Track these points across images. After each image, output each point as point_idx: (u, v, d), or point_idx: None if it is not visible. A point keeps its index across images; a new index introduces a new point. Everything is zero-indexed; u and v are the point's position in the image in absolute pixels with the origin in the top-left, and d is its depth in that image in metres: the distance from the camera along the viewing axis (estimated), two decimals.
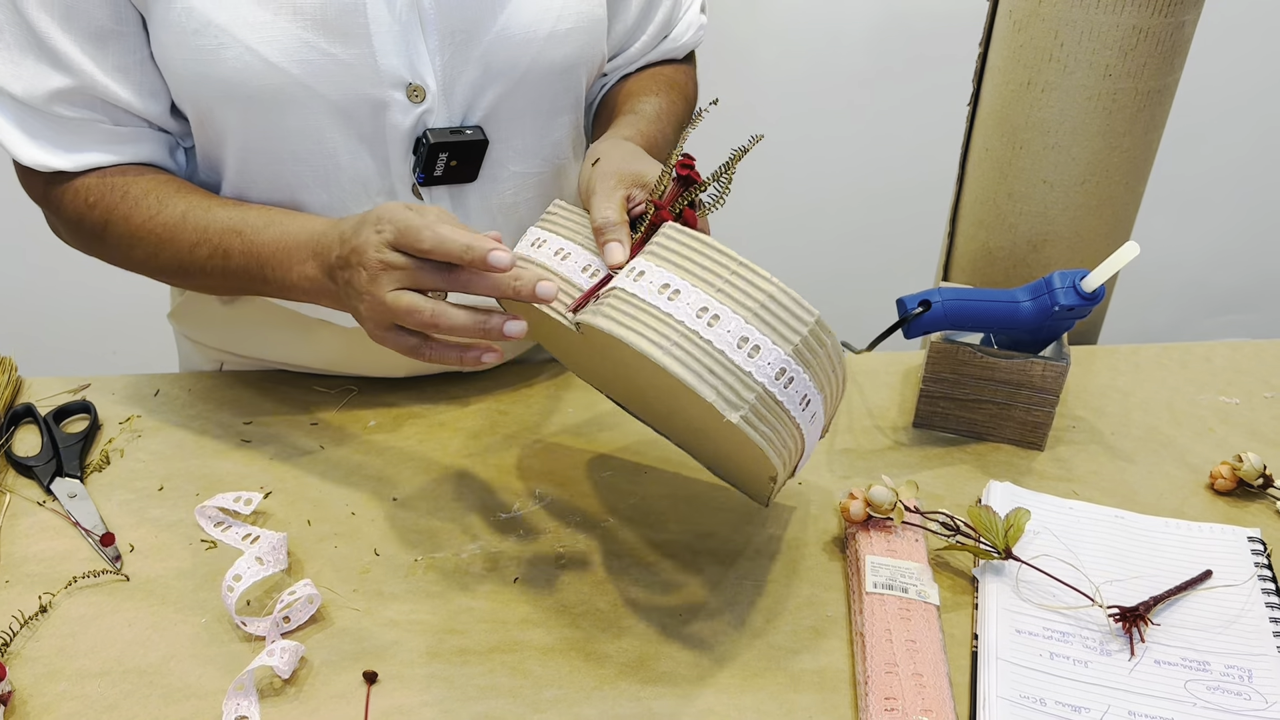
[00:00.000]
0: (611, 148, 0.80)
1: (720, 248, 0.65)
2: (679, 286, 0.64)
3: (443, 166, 0.84)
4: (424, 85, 0.82)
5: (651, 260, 0.66)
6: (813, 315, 0.65)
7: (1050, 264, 1.11)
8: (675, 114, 0.95)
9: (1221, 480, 0.89)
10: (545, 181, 0.93)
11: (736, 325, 0.63)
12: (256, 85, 0.78)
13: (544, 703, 0.69)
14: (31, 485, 0.86)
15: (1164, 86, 1.03)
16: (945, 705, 0.67)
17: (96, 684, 0.69)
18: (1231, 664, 0.72)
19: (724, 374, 0.63)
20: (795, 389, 0.65)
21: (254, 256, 0.80)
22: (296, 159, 0.83)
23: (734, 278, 0.64)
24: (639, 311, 0.64)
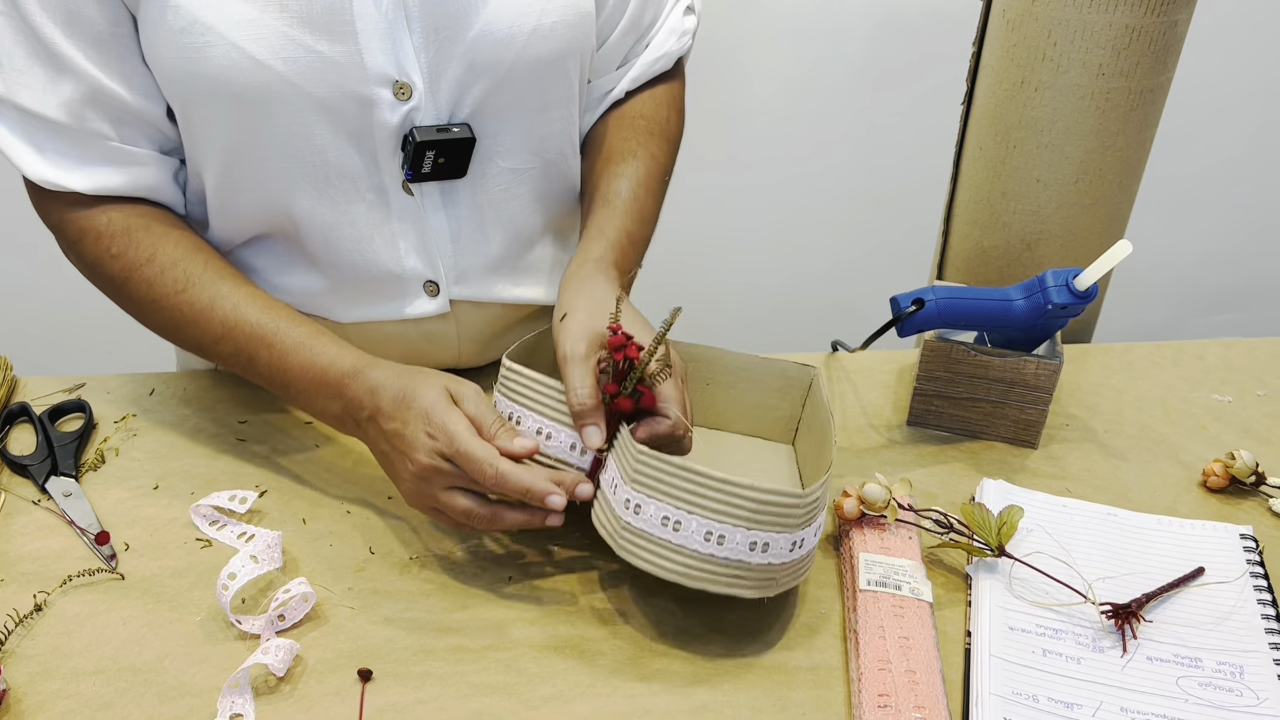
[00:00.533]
0: (579, 296, 0.81)
1: (698, 471, 0.68)
2: (678, 518, 0.69)
3: (430, 164, 0.85)
4: (410, 83, 0.82)
5: (642, 492, 0.70)
6: (802, 498, 0.69)
7: (1044, 263, 1.11)
8: (654, 174, 0.95)
9: (1214, 478, 0.89)
10: (537, 177, 0.92)
11: (742, 537, 0.68)
12: (243, 82, 0.78)
13: (538, 700, 0.69)
14: (26, 484, 0.86)
15: (1157, 85, 1.03)
16: (938, 702, 0.67)
17: (91, 682, 0.70)
18: (1223, 660, 0.73)
19: (748, 574, 0.70)
20: (808, 539, 0.72)
21: (279, 373, 0.82)
22: (284, 157, 0.83)
23: (722, 496, 0.68)
24: (655, 546, 0.70)
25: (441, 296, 0.93)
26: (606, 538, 0.73)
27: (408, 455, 0.75)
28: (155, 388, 0.98)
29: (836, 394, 1.02)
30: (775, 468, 0.90)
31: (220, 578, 0.73)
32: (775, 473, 0.88)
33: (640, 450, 0.70)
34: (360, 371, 0.78)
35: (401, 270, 0.90)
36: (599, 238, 0.88)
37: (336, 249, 0.89)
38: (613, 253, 0.87)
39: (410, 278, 0.91)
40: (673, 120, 1.00)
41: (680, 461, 0.68)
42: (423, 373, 0.78)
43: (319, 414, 0.83)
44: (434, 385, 0.76)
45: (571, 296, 0.82)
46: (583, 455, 0.76)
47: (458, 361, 1.00)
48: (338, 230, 0.88)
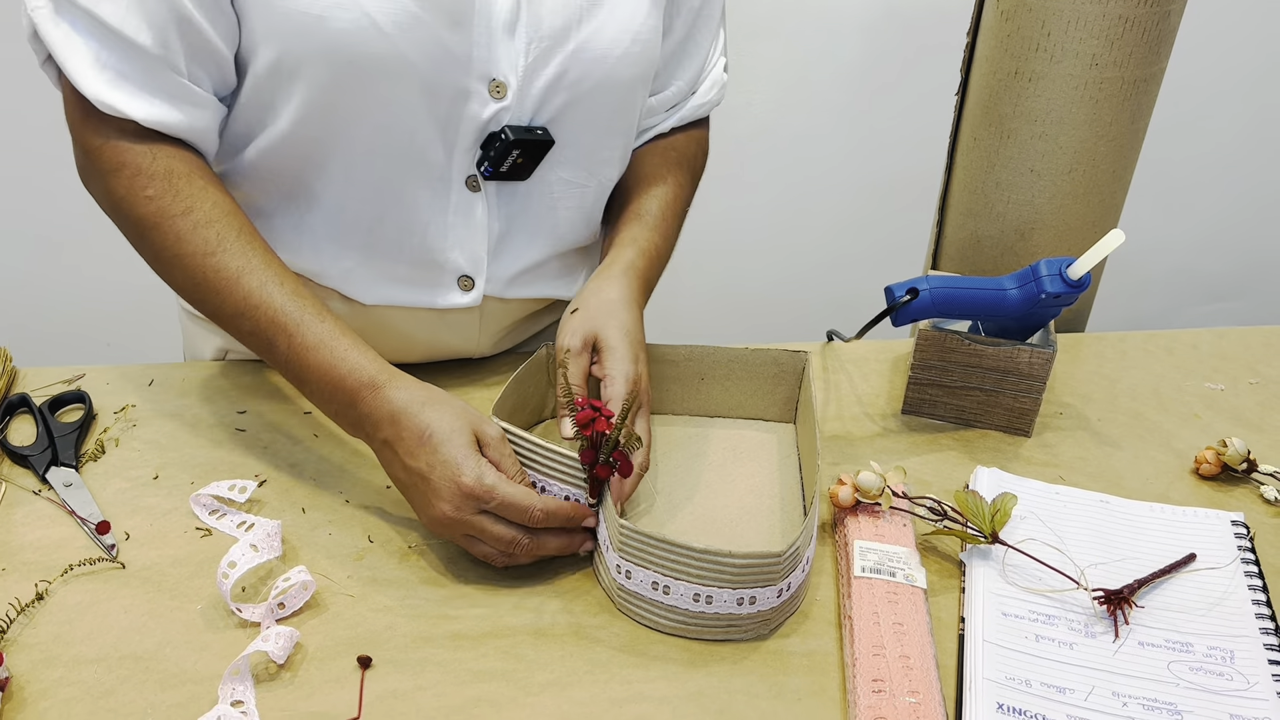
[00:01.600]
0: (592, 296, 0.86)
1: (678, 544, 0.70)
2: (666, 583, 0.72)
3: (511, 163, 0.87)
4: (506, 83, 0.84)
5: (628, 560, 0.73)
6: (778, 555, 0.71)
7: (1038, 252, 1.12)
8: (679, 200, 0.99)
9: (1206, 465, 0.90)
10: (587, 196, 0.95)
11: (728, 596, 0.71)
12: (362, 49, 0.78)
13: (536, 686, 0.70)
14: (27, 474, 0.87)
15: (1150, 75, 1.04)
16: (932, 687, 0.68)
17: (93, 670, 0.70)
18: (1214, 645, 0.74)
19: (741, 623, 0.73)
20: (794, 581, 0.74)
21: (295, 367, 0.80)
22: (375, 128, 0.83)
23: (703, 564, 0.70)
24: (649, 606, 0.74)
25: (475, 291, 0.94)
26: (605, 592, 0.77)
27: (431, 500, 0.75)
28: (154, 378, 0.99)
29: (832, 383, 1.02)
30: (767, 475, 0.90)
31: (220, 566, 0.74)
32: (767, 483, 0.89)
33: (623, 524, 0.72)
34: (380, 388, 0.77)
35: (444, 262, 0.92)
36: (631, 245, 0.92)
37: (388, 230, 0.89)
38: (641, 260, 0.91)
39: (450, 270, 0.93)
40: (699, 158, 1.05)
41: (661, 536, 0.71)
42: (446, 407, 0.76)
43: (332, 415, 0.81)
44: (460, 431, 0.75)
45: (587, 294, 0.86)
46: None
47: (475, 349, 1.02)
48: (397, 211, 0.88)
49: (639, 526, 0.72)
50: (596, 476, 0.77)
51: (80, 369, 0.99)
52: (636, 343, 0.84)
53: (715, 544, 0.70)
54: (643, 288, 0.90)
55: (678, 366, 0.95)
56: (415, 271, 0.92)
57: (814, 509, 0.77)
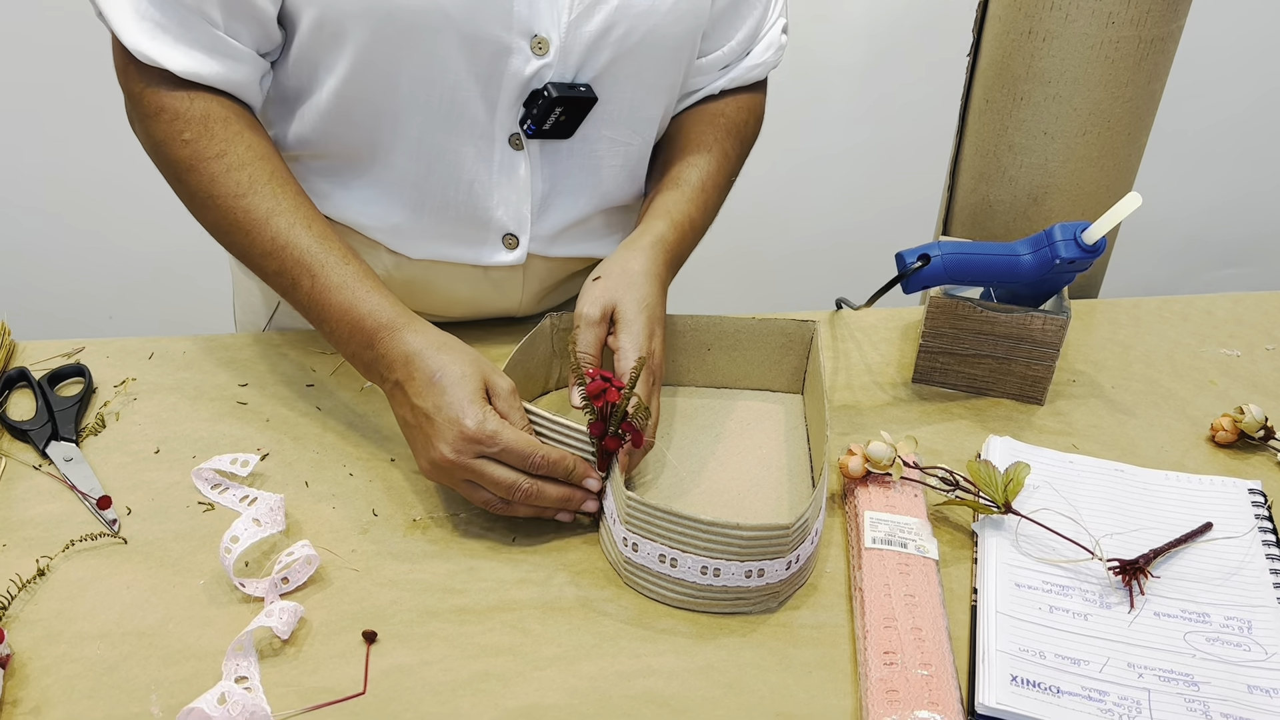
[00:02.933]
0: (615, 265, 0.85)
1: (685, 516, 0.70)
2: (673, 556, 0.71)
3: (554, 120, 0.86)
4: (548, 39, 0.83)
5: (635, 532, 0.72)
6: (787, 527, 0.70)
7: (1051, 217, 1.10)
8: (723, 171, 0.98)
9: (1222, 433, 0.89)
10: (631, 153, 0.94)
11: (736, 568, 0.70)
12: (401, 3, 0.78)
13: (543, 660, 0.69)
14: (27, 449, 0.86)
15: (1167, 34, 1.01)
16: (944, 659, 0.67)
17: (96, 646, 0.69)
18: (1231, 615, 0.73)
19: (749, 595, 0.72)
20: (803, 554, 0.73)
21: (317, 307, 0.81)
22: (416, 83, 0.83)
23: (711, 536, 0.70)
24: (656, 578, 0.73)
25: (520, 249, 0.94)
26: (612, 566, 0.76)
27: (432, 442, 0.75)
28: (155, 351, 0.98)
29: (841, 352, 1.01)
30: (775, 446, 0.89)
31: (223, 541, 0.73)
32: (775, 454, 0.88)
33: (630, 497, 0.71)
34: (397, 330, 0.78)
35: (489, 220, 0.91)
36: (664, 216, 0.90)
37: (434, 186, 0.89)
38: (673, 233, 0.90)
39: (495, 228, 0.92)
40: (750, 125, 1.03)
41: (668, 507, 0.70)
42: (459, 354, 0.77)
43: (349, 357, 0.82)
44: (470, 377, 0.76)
45: (611, 264, 0.86)
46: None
47: (518, 308, 1.01)
48: (441, 167, 0.88)
49: (646, 499, 0.71)
50: (605, 448, 0.76)
51: (80, 342, 0.98)
52: (654, 318, 0.83)
53: (723, 516, 0.69)
54: (670, 262, 0.89)
55: (683, 336, 0.94)
56: (461, 229, 0.92)
57: (823, 480, 0.76)
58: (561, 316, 0.92)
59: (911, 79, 2.01)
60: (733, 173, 1.00)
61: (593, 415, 0.76)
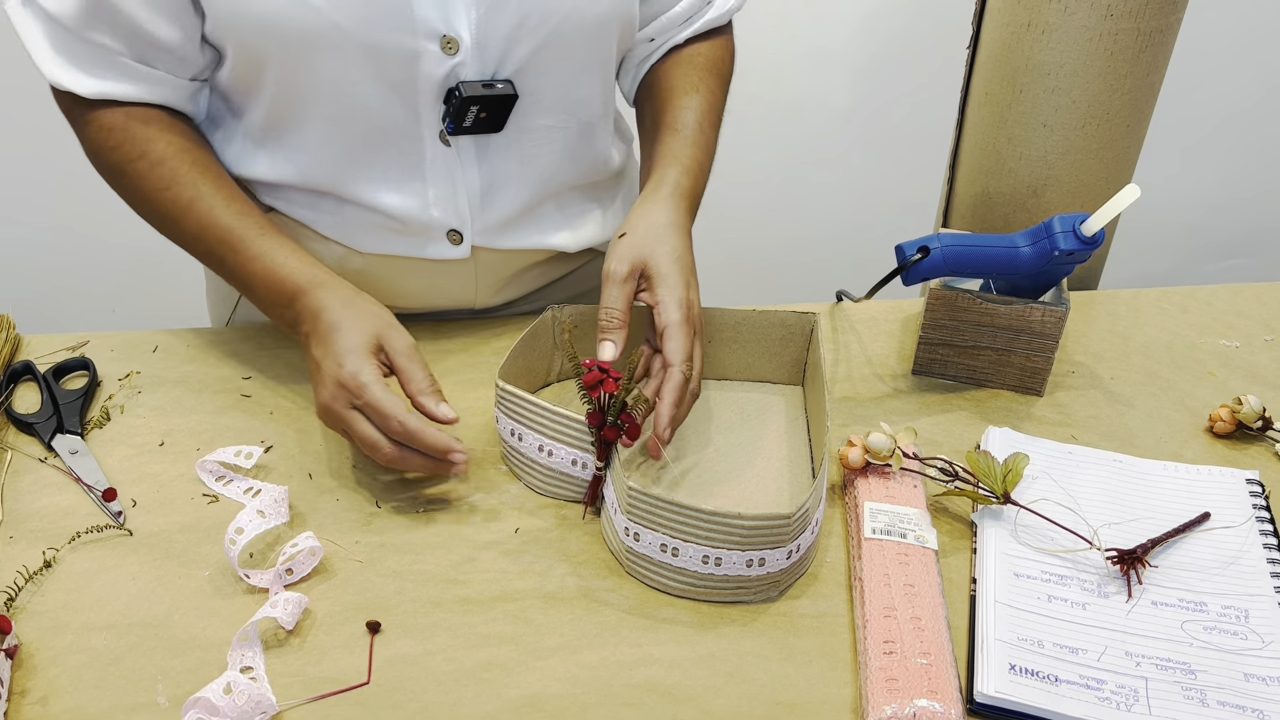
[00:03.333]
0: (641, 220, 0.84)
1: (686, 506, 0.70)
2: (675, 545, 0.71)
3: (472, 118, 0.86)
4: (458, 38, 0.82)
5: (637, 522, 0.72)
6: (788, 516, 0.70)
7: (1050, 209, 1.10)
8: (714, 109, 0.97)
9: (1221, 423, 0.89)
10: (571, 137, 0.94)
11: (738, 557, 0.71)
12: (291, 25, 0.79)
13: (546, 650, 0.70)
14: (32, 442, 0.86)
15: (1166, 26, 1.01)
16: (943, 648, 0.68)
17: (102, 637, 0.70)
18: (1229, 604, 0.73)
19: (750, 584, 0.72)
20: (804, 543, 0.73)
21: (242, 275, 0.85)
22: (328, 101, 0.84)
23: (712, 526, 0.70)
24: (657, 568, 0.73)
25: (464, 245, 0.94)
26: (614, 555, 0.77)
27: (317, 387, 0.80)
28: (159, 344, 0.98)
29: (841, 344, 1.01)
30: (776, 437, 0.89)
31: (228, 533, 0.73)
32: (775, 445, 0.88)
33: (631, 486, 0.72)
34: (313, 289, 0.82)
35: (429, 220, 0.92)
36: (674, 163, 0.90)
37: (366, 193, 0.90)
38: (687, 179, 0.89)
39: (436, 225, 0.92)
40: (727, 62, 1.02)
41: (670, 497, 0.70)
42: (364, 310, 0.81)
43: (275, 319, 0.86)
44: (363, 330, 0.80)
45: (635, 219, 0.85)
46: (584, 470, 0.79)
47: (474, 300, 1.01)
48: (370, 176, 0.89)
49: (648, 489, 0.71)
50: (604, 439, 0.77)
51: (84, 336, 0.99)
52: (687, 268, 0.83)
53: (724, 506, 0.70)
54: (690, 208, 0.89)
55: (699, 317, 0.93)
56: (403, 226, 0.92)
57: (823, 470, 0.76)
58: (563, 309, 0.92)
59: (911, 72, 2.01)
60: (721, 110, 0.99)
61: (591, 406, 0.77)
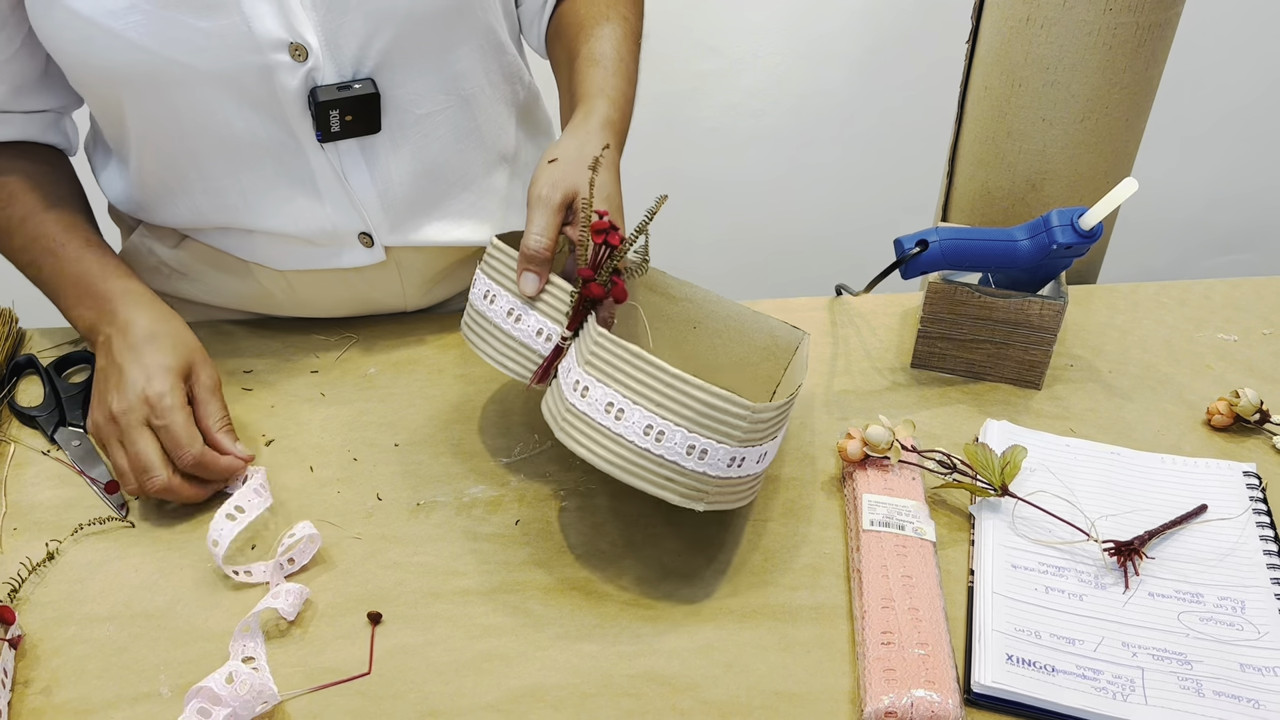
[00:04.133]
0: (570, 145, 0.80)
1: (651, 361, 0.67)
2: (622, 405, 0.67)
3: (338, 122, 0.82)
4: (305, 43, 0.79)
5: (592, 374, 0.69)
6: (747, 409, 0.67)
7: (1049, 203, 1.10)
8: (631, 35, 0.94)
9: (1218, 416, 0.89)
10: (455, 117, 0.90)
11: (681, 437, 0.67)
12: (131, 70, 0.78)
13: (546, 641, 0.70)
14: (35, 435, 0.87)
15: (1165, 20, 1.01)
16: (941, 639, 0.68)
17: (105, 628, 0.71)
18: (1225, 596, 0.73)
19: (680, 478, 0.68)
20: (749, 461, 0.70)
21: (55, 280, 0.87)
22: (191, 135, 0.82)
23: (669, 390, 0.66)
24: (594, 432, 0.69)
25: (376, 247, 0.92)
26: (549, 419, 0.73)
27: (111, 392, 0.79)
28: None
29: (840, 337, 1.02)
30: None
31: (207, 543, 0.73)
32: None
33: (600, 333, 0.69)
34: (126, 296, 0.84)
35: (332, 226, 0.89)
36: (599, 95, 0.86)
37: (261, 213, 0.88)
38: (615, 112, 0.86)
39: (342, 233, 0.90)
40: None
41: (635, 349, 0.67)
42: (179, 333, 0.83)
43: (74, 320, 0.87)
44: (178, 353, 0.81)
45: (564, 144, 0.81)
46: (546, 342, 0.75)
47: (404, 304, 1.00)
48: (259, 196, 0.87)
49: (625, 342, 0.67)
50: (588, 295, 0.73)
51: None
52: (616, 208, 0.80)
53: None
54: (619, 144, 0.85)
55: (675, 305, 0.90)
56: (312, 238, 0.90)
57: (793, 399, 0.73)
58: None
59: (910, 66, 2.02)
60: (639, 35, 0.96)
61: (584, 260, 0.74)
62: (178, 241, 0.96)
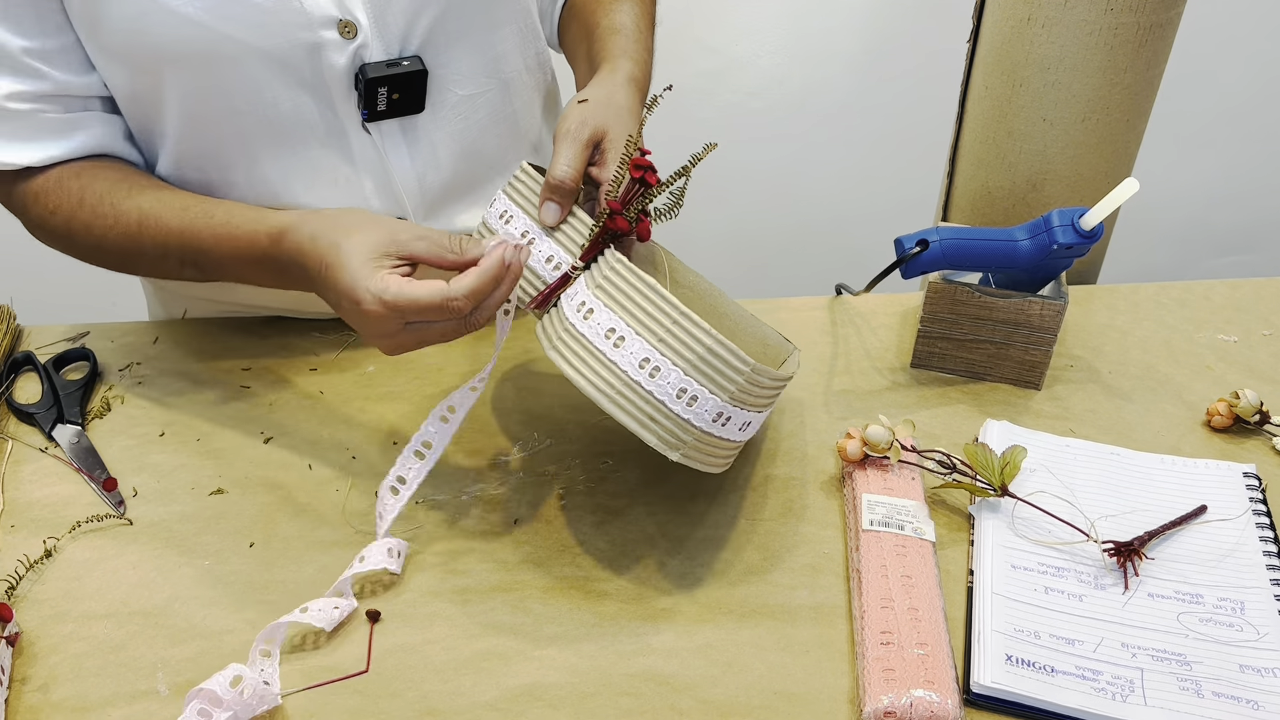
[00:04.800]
0: (600, 89, 0.80)
1: (664, 295, 0.66)
2: (624, 333, 0.67)
3: (385, 101, 0.83)
4: (355, 20, 0.81)
5: (600, 297, 0.68)
6: (747, 365, 0.66)
7: (1050, 203, 1.10)
8: (648, 14, 0.94)
9: (1218, 417, 0.89)
10: (494, 100, 0.91)
11: (676, 377, 0.66)
12: (184, 46, 0.77)
13: (545, 639, 0.70)
14: (33, 432, 0.87)
15: (1167, 20, 1.01)
16: (940, 639, 0.68)
17: (103, 625, 0.70)
18: (1224, 596, 0.73)
19: (664, 420, 0.67)
20: (733, 423, 0.69)
21: (219, 270, 0.81)
22: (238, 114, 0.82)
23: (675, 327, 0.66)
24: (588, 355, 0.68)
25: None
26: (542, 339, 0.72)
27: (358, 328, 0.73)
28: (159, 335, 0.98)
29: (840, 337, 1.01)
30: None
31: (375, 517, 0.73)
32: None
33: (618, 259, 0.68)
34: (285, 233, 0.76)
35: (371, 209, 0.90)
36: (626, 55, 0.86)
37: (301, 196, 0.88)
38: (639, 71, 0.86)
39: (380, 214, 0.89)
40: None
41: (651, 280, 0.66)
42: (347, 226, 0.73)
43: (276, 285, 0.80)
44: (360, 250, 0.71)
45: (595, 90, 0.81)
46: (555, 270, 0.74)
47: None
48: (299, 178, 0.87)
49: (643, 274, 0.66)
50: (613, 226, 0.71)
51: (84, 326, 0.99)
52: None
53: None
54: (642, 104, 0.85)
55: (677, 289, 0.88)
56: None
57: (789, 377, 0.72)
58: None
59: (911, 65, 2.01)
60: (653, 17, 0.96)
61: (614, 192, 0.73)
62: None
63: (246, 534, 0.78)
